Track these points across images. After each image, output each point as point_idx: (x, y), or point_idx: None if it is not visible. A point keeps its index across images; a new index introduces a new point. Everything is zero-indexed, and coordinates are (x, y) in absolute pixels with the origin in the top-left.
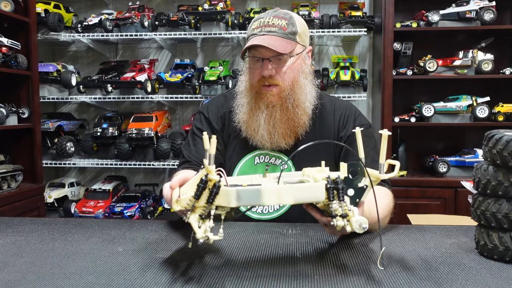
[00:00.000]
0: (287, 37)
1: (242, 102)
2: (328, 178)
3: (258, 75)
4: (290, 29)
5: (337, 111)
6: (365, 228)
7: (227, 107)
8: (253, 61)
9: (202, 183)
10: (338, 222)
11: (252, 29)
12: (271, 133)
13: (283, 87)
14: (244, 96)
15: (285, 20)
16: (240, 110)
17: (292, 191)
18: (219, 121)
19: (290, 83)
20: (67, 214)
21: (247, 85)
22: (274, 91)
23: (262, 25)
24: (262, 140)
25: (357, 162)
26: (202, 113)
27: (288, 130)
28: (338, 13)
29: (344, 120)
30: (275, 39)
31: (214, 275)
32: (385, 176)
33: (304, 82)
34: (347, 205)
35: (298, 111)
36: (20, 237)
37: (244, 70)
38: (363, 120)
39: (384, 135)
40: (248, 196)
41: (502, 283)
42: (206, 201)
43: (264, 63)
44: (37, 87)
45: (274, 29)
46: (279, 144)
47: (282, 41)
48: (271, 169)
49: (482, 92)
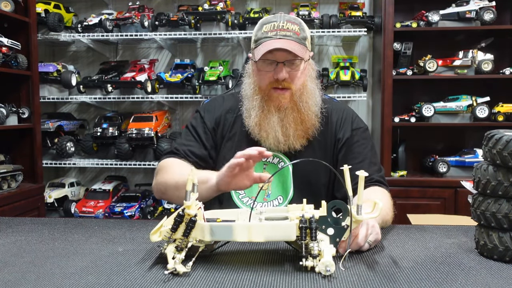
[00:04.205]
0: (300, 42)
1: (252, 105)
2: (302, 217)
3: (269, 78)
4: (302, 34)
5: (334, 114)
6: (330, 271)
7: (224, 108)
8: (265, 64)
9: (179, 217)
10: (307, 262)
11: (264, 31)
12: (285, 134)
13: (294, 90)
14: (254, 100)
15: (297, 26)
16: (250, 113)
17: (263, 229)
18: (214, 122)
19: (301, 87)
20: (67, 214)
21: (255, 88)
22: (286, 94)
23: (277, 28)
24: (276, 142)
25: (341, 201)
26: (199, 112)
27: (302, 132)
28: (338, 13)
29: (341, 123)
30: (292, 43)
31: (215, 273)
32: (365, 217)
33: (312, 87)
34: (319, 245)
35: (310, 113)
36: (20, 237)
37: (248, 72)
38: (360, 123)
39: (361, 176)
40: (221, 231)
41: (502, 283)
42: (183, 234)
43: (279, 66)
44: (37, 87)
45: (289, 34)
46: (294, 146)
47: (298, 45)
48: (269, 168)
49: (482, 92)
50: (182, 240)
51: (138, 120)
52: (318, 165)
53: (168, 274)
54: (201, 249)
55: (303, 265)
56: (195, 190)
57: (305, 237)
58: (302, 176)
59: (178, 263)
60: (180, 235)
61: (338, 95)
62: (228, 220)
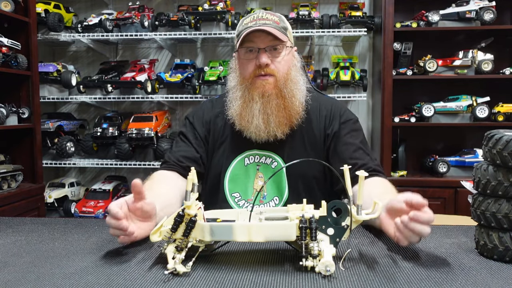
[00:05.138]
0: (280, 30)
1: (235, 96)
2: (302, 217)
3: (252, 66)
4: (282, 24)
5: (323, 108)
6: (330, 271)
7: (213, 112)
8: (247, 52)
9: (179, 217)
10: (307, 262)
11: (245, 23)
12: (266, 122)
13: (278, 77)
14: (237, 90)
15: (277, 17)
16: (233, 104)
17: (263, 229)
18: (204, 127)
19: (285, 75)
20: (67, 214)
21: (239, 79)
22: (270, 80)
23: (256, 19)
24: (257, 130)
25: (341, 201)
26: (188, 118)
27: (284, 119)
28: (338, 13)
29: (330, 117)
30: (272, 29)
31: (215, 273)
32: (366, 218)
33: (297, 76)
34: (319, 245)
35: (294, 100)
36: (20, 237)
37: (233, 67)
38: (349, 115)
39: (361, 176)
40: (221, 231)
41: (502, 283)
42: (183, 234)
43: (260, 52)
44: (37, 87)
45: (268, 22)
46: (275, 133)
47: (277, 31)
48: (262, 169)
49: (482, 92)
50: (182, 240)
51: (138, 120)
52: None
53: (168, 274)
54: (201, 249)
55: (303, 265)
56: (195, 190)
57: (305, 237)
58: (295, 173)
59: (178, 263)
60: (180, 235)
61: (338, 95)
62: (228, 220)
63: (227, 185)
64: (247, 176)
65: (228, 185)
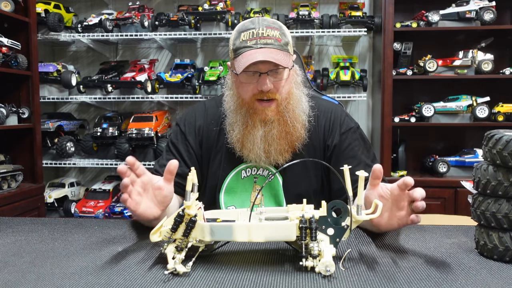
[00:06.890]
0: (282, 48)
1: (236, 120)
2: (302, 217)
3: (253, 90)
4: (284, 40)
5: (322, 117)
6: (330, 271)
7: (206, 118)
8: (248, 75)
9: (179, 217)
10: (307, 262)
11: (243, 40)
12: (267, 151)
13: (279, 100)
14: (237, 114)
15: (277, 31)
16: (233, 129)
17: (263, 229)
18: (196, 136)
19: (287, 96)
20: (67, 214)
21: (239, 101)
22: (273, 106)
23: (256, 36)
24: (258, 159)
25: (341, 201)
26: (179, 125)
27: (286, 145)
28: (338, 13)
29: (329, 127)
30: (275, 52)
31: (215, 273)
32: (366, 218)
33: (298, 93)
34: (319, 245)
35: (296, 124)
36: (20, 237)
37: (228, 83)
38: (349, 123)
39: (361, 176)
40: (221, 231)
41: (502, 283)
42: (183, 234)
43: (262, 77)
44: (37, 87)
45: (270, 41)
46: (277, 161)
47: (281, 53)
48: (260, 181)
49: (482, 92)
50: (182, 240)
51: (138, 120)
52: (307, 172)
53: (168, 274)
54: (201, 249)
55: (303, 265)
56: (195, 190)
57: (305, 237)
58: (293, 187)
59: (178, 263)
60: (180, 235)
61: (338, 95)
62: (228, 220)
63: (223, 198)
64: (244, 189)
65: (224, 198)
